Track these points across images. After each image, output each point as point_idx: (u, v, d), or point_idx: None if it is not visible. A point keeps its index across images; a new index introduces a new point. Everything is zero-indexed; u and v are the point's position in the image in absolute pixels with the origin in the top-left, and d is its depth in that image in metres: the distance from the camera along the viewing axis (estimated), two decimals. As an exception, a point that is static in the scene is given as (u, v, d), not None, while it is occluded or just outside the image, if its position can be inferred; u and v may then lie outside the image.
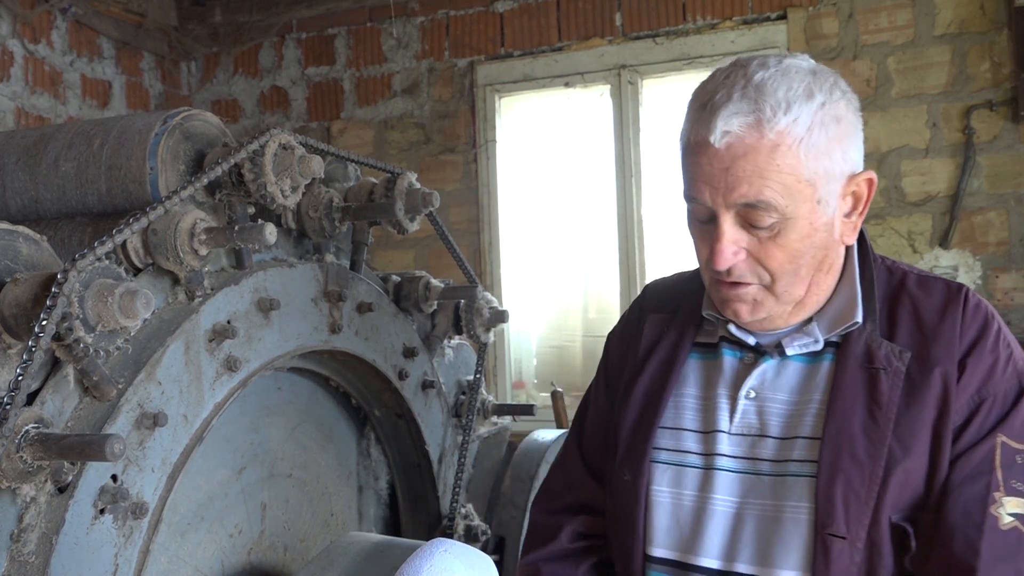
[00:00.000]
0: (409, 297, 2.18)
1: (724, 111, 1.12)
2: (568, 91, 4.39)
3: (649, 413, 1.29)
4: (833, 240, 1.20)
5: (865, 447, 1.13)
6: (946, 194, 3.82)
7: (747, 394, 1.24)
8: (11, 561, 1.27)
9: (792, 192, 1.12)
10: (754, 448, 1.21)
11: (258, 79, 4.99)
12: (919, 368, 1.16)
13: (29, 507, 1.29)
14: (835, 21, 3.98)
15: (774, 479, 1.19)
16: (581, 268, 4.41)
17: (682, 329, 1.33)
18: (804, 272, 1.19)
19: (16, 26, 4.06)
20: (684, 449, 1.26)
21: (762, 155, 1.10)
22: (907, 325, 1.20)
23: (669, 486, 1.25)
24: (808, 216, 1.14)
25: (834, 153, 1.14)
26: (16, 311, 1.30)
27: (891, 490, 1.12)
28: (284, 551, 1.92)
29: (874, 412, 1.15)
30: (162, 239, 1.49)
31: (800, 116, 1.10)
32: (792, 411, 1.21)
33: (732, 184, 1.12)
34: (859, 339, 1.20)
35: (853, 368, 1.18)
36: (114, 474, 1.38)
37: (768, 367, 1.24)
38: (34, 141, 1.75)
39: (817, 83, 1.13)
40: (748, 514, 1.19)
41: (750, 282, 1.18)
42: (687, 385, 1.30)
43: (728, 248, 1.15)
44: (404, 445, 2.22)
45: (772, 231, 1.14)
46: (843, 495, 1.12)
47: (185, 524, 1.68)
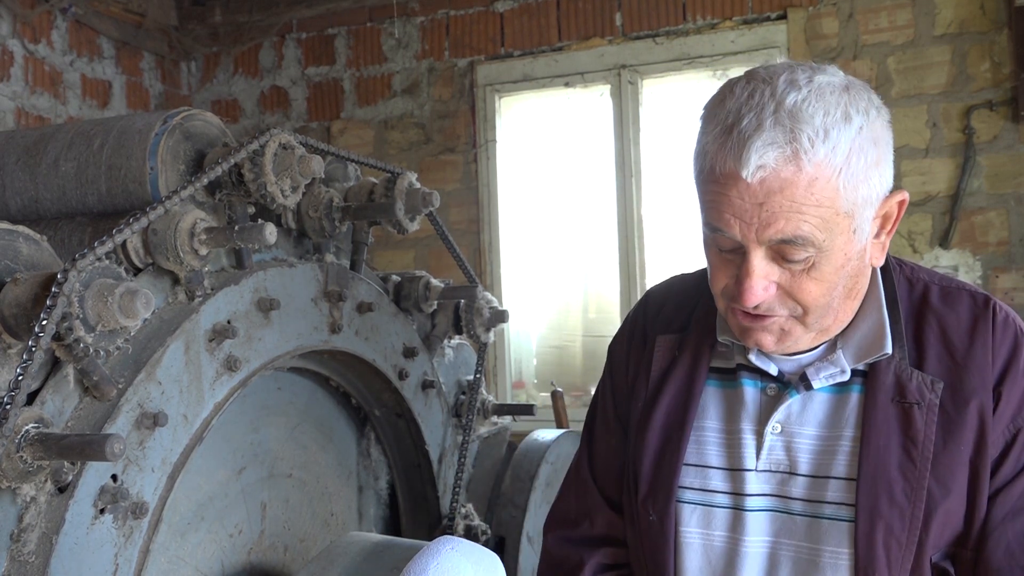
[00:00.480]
0: (409, 297, 2.18)
1: (757, 141, 1.02)
2: (568, 91, 4.39)
3: (671, 449, 1.22)
4: (864, 265, 1.14)
5: (903, 489, 1.08)
6: (946, 194, 3.82)
7: (773, 429, 1.18)
8: (11, 561, 1.27)
9: (830, 225, 1.05)
10: (784, 486, 1.16)
11: (258, 79, 4.99)
12: (953, 400, 1.11)
13: (29, 507, 1.29)
14: (835, 21, 3.98)
15: (808, 520, 1.14)
16: (581, 268, 4.41)
17: (695, 353, 1.26)
18: (836, 303, 1.13)
19: (16, 26, 4.06)
20: (711, 488, 1.20)
21: (800, 190, 1.02)
22: (936, 350, 1.14)
23: (699, 527, 1.20)
24: (844, 247, 1.08)
25: (872, 179, 1.07)
26: (16, 311, 1.30)
27: (932, 532, 1.08)
28: (284, 551, 1.92)
29: (910, 451, 1.09)
30: (162, 239, 1.49)
31: (839, 144, 1.02)
32: (822, 447, 1.15)
33: (767, 220, 1.04)
34: (888, 369, 1.13)
35: (884, 402, 1.12)
36: (114, 474, 1.38)
37: (794, 401, 1.18)
38: (34, 141, 1.75)
39: (853, 103, 1.05)
40: (783, 555, 1.15)
41: (779, 314, 1.12)
42: (707, 418, 1.23)
43: (759, 284, 1.08)
44: (404, 445, 2.22)
45: (806, 264, 1.07)
46: (884, 541, 1.08)
47: (185, 524, 1.68)
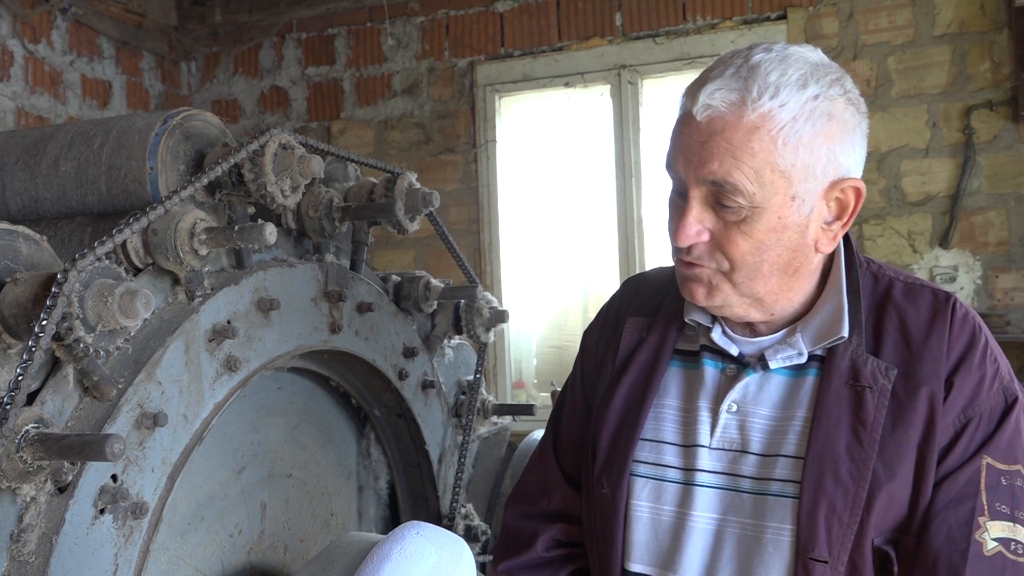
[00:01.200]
0: (409, 297, 2.18)
1: (711, 85, 1.08)
2: (568, 91, 4.39)
3: (629, 424, 1.25)
4: (805, 243, 1.15)
5: (849, 469, 1.10)
6: (946, 194, 3.82)
7: (729, 408, 1.20)
8: (11, 561, 1.27)
9: (763, 180, 1.08)
10: (735, 464, 1.18)
11: (258, 79, 4.99)
12: (905, 386, 1.13)
13: (29, 507, 1.29)
14: (835, 21, 3.98)
15: (755, 497, 1.16)
16: (581, 268, 4.41)
17: (663, 334, 1.29)
18: (766, 269, 1.14)
19: (16, 26, 4.06)
20: (664, 463, 1.22)
21: (739, 134, 1.07)
22: (893, 339, 1.16)
23: (648, 500, 1.22)
24: (778, 210, 1.10)
25: (818, 150, 1.09)
26: (16, 311, 1.30)
27: (875, 513, 1.10)
28: (284, 551, 1.92)
29: (859, 432, 1.11)
30: (162, 239, 1.49)
31: (788, 103, 1.06)
32: (774, 427, 1.18)
33: (704, 159, 1.09)
34: (844, 354, 1.16)
35: (838, 385, 1.14)
36: (114, 474, 1.38)
37: (751, 380, 1.20)
38: (34, 141, 1.75)
39: (816, 75, 1.09)
40: (728, 532, 1.17)
41: (707, 265, 1.15)
42: (668, 396, 1.26)
43: (692, 226, 1.12)
44: (404, 445, 2.22)
45: (738, 216, 1.10)
46: (826, 519, 1.10)
47: (185, 524, 1.68)
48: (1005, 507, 1.09)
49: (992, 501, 1.09)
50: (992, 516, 1.08)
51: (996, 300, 3.78)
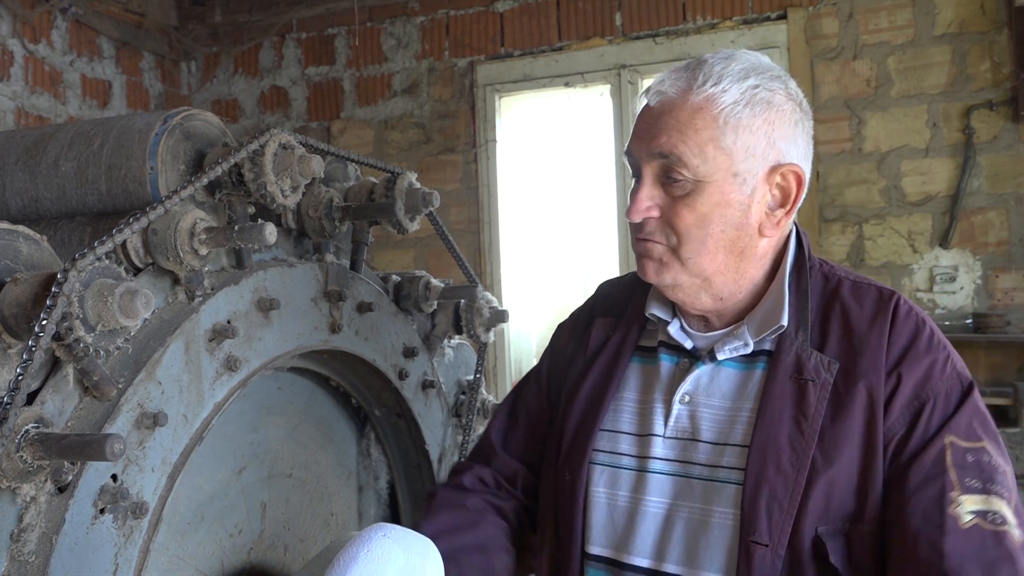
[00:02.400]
0: (409, 297, 2.18)
1: (664, 76, 1.22)
2: (568, 91, 4.39)
3: (590, 416, 1.32)
4: (748, 223, 1.21)
5: (790, 457, 1.15)
6: (946, 194, 3.82)
7: (681, 399, 1.27)
8: (11, 561, 1.27)
9: (706, 156, 1.17)
10: (686, 452, 1.24)
11: (258, 79, 4.99)
12: (845, 380, 1.17)
13: (29, 507, 1.29)
14: (835, 21, 3.98)
15: (704, 483, 1.21)
16: (581, 268, 4.41)
17: (626, 332, 1.37)
18: (711, 244, 1.20)
19: (16, 26, 4.06)
20: (620, 451, 1.29)
21: (684, 113, 1.18)
22: (837, 335, 1.21)
23: (606, 487, 1.28)
24: (721, 185, 1.18)
25: (758, 132, 1.18)
26: (16, 311, 1.30)
27: (813, 500, 1.13)
28: (284, 551, 1.92)
29: (800, 423, 1.16)
30: (162, 239, 1.49)
31: (729, 89, 1.17)
32: (724, 417, 1.23)
33: (654, 135, 1.19)
34: (790, 349, 1.21)
35: (783, 378, 1.20)
36: (114, 474, 1.38)
37: (702, 372, 1.27)
38: (34, 141, 1.75)
39: (757, 71, 1.20)
40: (678, 516, 1.22)
41: (658, 240, 1.22)
42: (627, 389, 1.33)
43: (643, 201, 1.21)
44: (404, 445, 2.22)
45: (683, 190, 1.19)
46: (767, 504, 1.14)
47: (185, 524, 1.68)
48: (976, 481, 1.11)
49: (962, 477, 1.11)
50: (964, 491, 1.10)
51: (996, 300, 3.78)
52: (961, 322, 3.80)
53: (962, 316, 3.81)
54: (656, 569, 1.22)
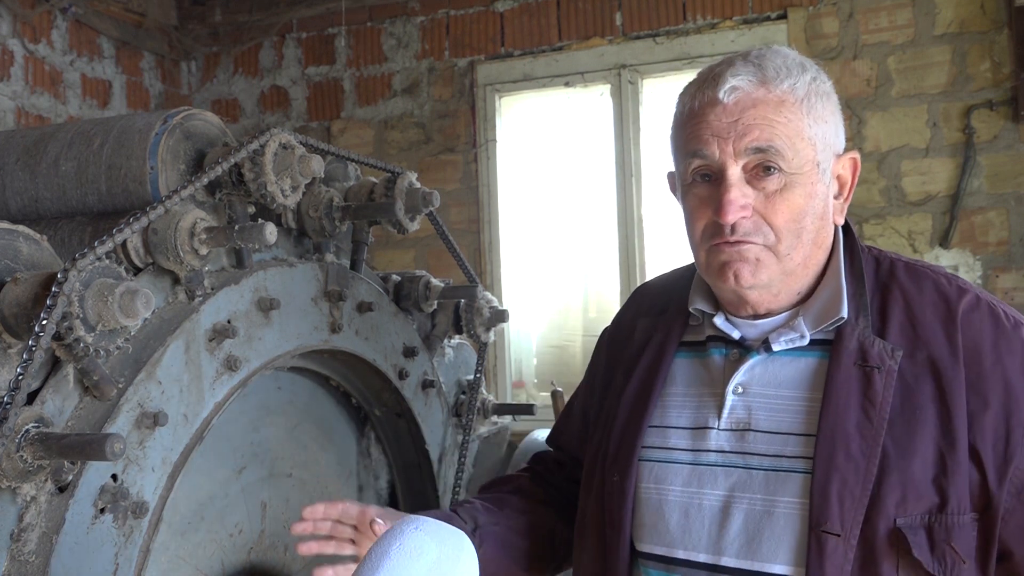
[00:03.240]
0: (409, 297, 2.18)
1: (728, 72, 1.17)
2: (568, 91, 4.39)
3: (637, 413, 1.30)
4: (827, 213, 1.22)
5: (860, 445, 1.12)
6: (946, 194, 3.82)
7: (735, 389, 1.24)
8: (11, 560, 1.27)
9: (797, 147, 1.16)
10: (743, 442, 1.21)
11: (258, 79, 4.99)
12: (911, 367, 1.15)
13: (29, 506, 1.29)
14: (835, 21, 3.98)
15: (766, 473, 1.18)
16: (581, 268, 4.41)
17: (668, 329, 1.35)
18: (805, 237, 1.19)
19: (16, 26, 4.06)
20: (671, 446, 1.26)
21: (770, 107, 1.16)
22: (898, 320, 1.19)
23: (656, 483, 1.26)
24: (810, 176, 1.18)
25: (829, 122, 1.20)
26: (16, 311, 1.30)
27: (887, 490, 1.11)
28: (284, 551, 1.92)
29: (868, 411, 1.14)
30: (162, 239, 1.49)
31: (797, 83, 1.17)
32: (784, 406, 1.20)
33: (743, 131, 1.15)
34: (852, 336, 1.18)
35: (847, 365, 1.17)
36: (114, 473, 1.38)
37: (756, 362, 1.24)
38: (34, 141, 1.75)
39: (805, 63, 1.21)
40: (736, 508, 1.18)
41: (755, 240, 1.18)
42: (674, 384, 1.31)
43: (737, 199, 1.16)
44: (404, 445, 2.22)
45: (779, 184, 1.16)
46: (838, 492, 1.11)
47: (185, 523, 1.68)
48: None
49: None
50: None
51: (996, 300, 3.78)
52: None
53: (962, 316, 3.81)
54: (714, 564, 1.19)
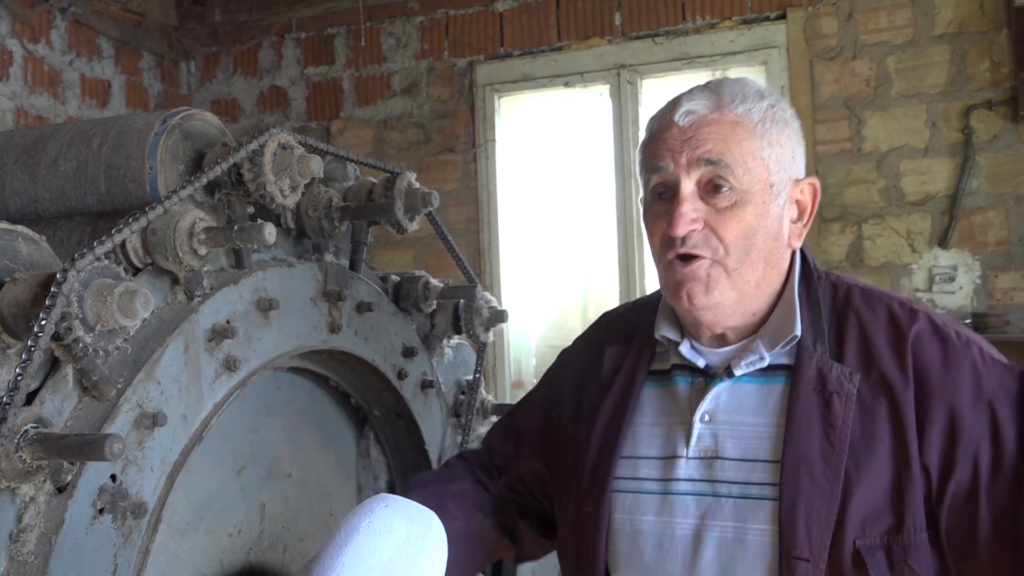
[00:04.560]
0: (408, 297, 2.18)
1: (686, 98, 1.23)
2: (568, 91, 4.39)
3: (609, 445, 1.31)
4: (781, 234, 1.24)
5: (823, 471, 1.14)
6: (945, 194, 3.82)
7: (702, 418, 1.25)
8: (10, 561, 1.27)
9: (748, 166, 1.19)
10: (712, 470, 1.23)
11: (257, 79, 4.99)
12: (869, 391, 1.18)
13: (28, 507, 1.29)
14: (835, 21, 3.98)
15: (735, 501, 1.20)
16: (581, 268, 4.41)
17: (636, 359, 1.36)
18: (755, 255, 1.21)
19: (15, 26, 4.06)
20: (642, 476, 1.28)
21: (724, 127, 1.20)
22: (855, 345, 1.21)
23: (629, 513, 1.27)
24: (761, 195, 1.20)
25: (785, 147, 1.23)
26: (15, 311, 1.30)
27: (851, 512, 1.13)
28: (284, 551, 1.91)
29: (830, 435, 1.16)
30: (161, 239, 1.49)
31: (753, 109, 1.21)
32: (748, 433, 1.22)
33: (695, 144, 1.19)
34: (810, 362, 1.21)
35: (807, 391, 1.19)
36: (113, 474, 1.38)
37: (721, 390, 1.25)
38: (33, 141, 1.75)
39: (767, 93, 1.25)
40: (709, 536, 1.20)
41: (703, 255, 1.20)
42: (643, 414, 1.32)
43: (688, 212, 1.19)
44: (404, 445, 2.22)
45: (729, 200, 1.19)
46: (805, 517, 1.13)
47: (184, 524, 1.68)
48: None
49: None
50: None
51: (995, 300, 3.78)
52: (960, 322, 3.80)
53: (961, 316, 3.81)
54: None
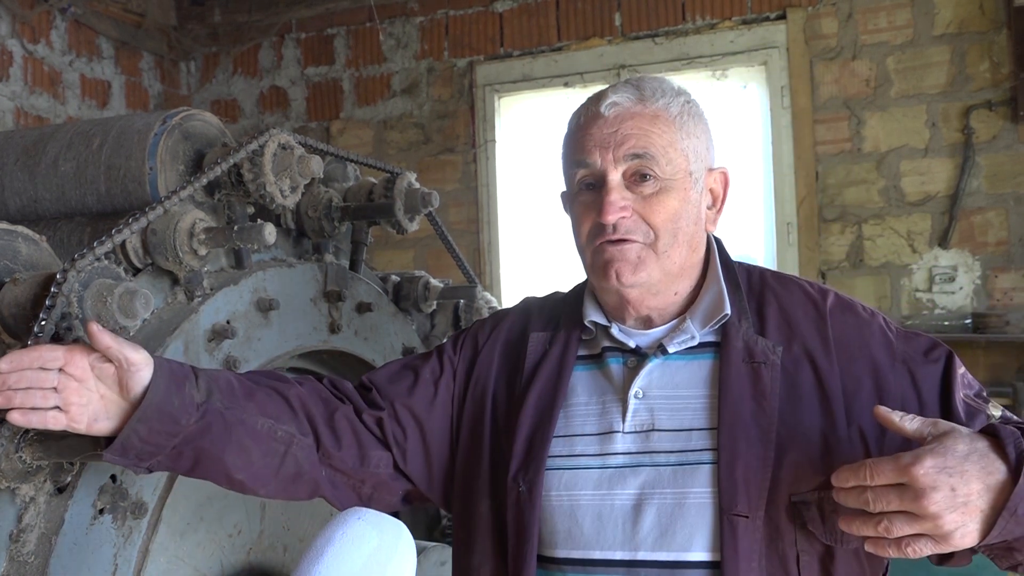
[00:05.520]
0: (408, 297, 2.18)
1: (611, 91, 1.32)
2: (567, 91, 4.39)
3: (542, 425, 1.33)
4: (701, 219, 1.33)
5: (757, 433, 1.23)
6: (945, 194, 3.82)
7: (636, 394, 1.31)
8: (10, 561, 1.27)
9: (670, 156, 1.28)
10: (649, 442, 1.28)
11: (257, 79, 4.99)
12: (791, 360, 1.28)
13: (28, 507, 1.29)
14: (834, 21, 3.98)
15: (673, 468, 1.26)
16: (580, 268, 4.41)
17: (565, 344, 1.40)
18: (681, 237, 1.30)
19: (15, 26, 4.06)
20: (578, 453, 1.31)
21: (645, 120, 1.29)
22: (775, 320, 1.32)
23: (566, 489, 1.29)
24: (683, 183, 1.29)
25: (700, 139, 1.33)
26: (15, 311, 1.30)
27: (784, 470, 1.21)
28: (283, 551, 1.92)
29: (760, 402, 1.25)
30: (161, 239, 1.49)
31: (671, 103, 1.31)
32: (683, 405, 1.29)
33: (621, 140, 1.28)
34: (737, 336, 1.30)
35: (737, 363, 1.28)
36: (113, 474, 1.38)
37: (653, 367, 1.32)
38: (33, 141, 1.75)
39: (680, 88, 1.35)
40: (648, 504, 1.25)
41: (635, 239, 1.28)
42: (576, 395, 1.35)
43: (616, 201, 1.27)
44: (403, 445, 2.22)
45: (654, 188, 1.28)
46: (743, 477, 1.20)
47: (184, 524, 1.68)
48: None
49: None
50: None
51: (995, 300, 3.78)
52: (960, 322, 3.80)
53: (961, 316, 3.81)
54: (631, 559, 1.24)
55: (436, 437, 1.41)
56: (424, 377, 1.44)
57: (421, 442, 1.41)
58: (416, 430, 1.41)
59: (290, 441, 1.32)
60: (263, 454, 1.30)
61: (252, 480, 1.32)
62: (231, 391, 1.29)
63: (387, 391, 1.43)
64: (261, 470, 1.31)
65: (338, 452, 1.36)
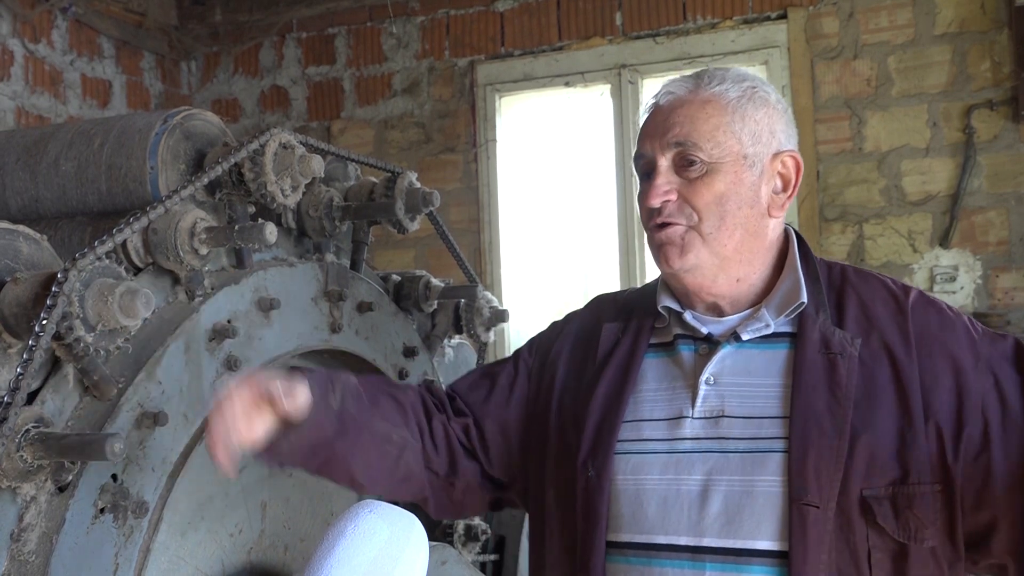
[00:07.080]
0: (409, 296, 2.18)
1: (670, 82, 1.36)
2: (568, 91, 4.39)
3: (611, 411, 1.35)
4: (759, 203, 1.32)
5: (831, 424, 1.22)
6: (946, 193, 3.82)
7: (707, 380, 1.31)
8: (11, 560, 1.27)
9: (717, 140, 1.29)
10: (718, 428, 1.28)
11: (258, 78, 4.99)
12: (869, 354, 1.27)
13: (29, 506, 1.29)
14: (835, 20, 3.98)
15: (742, 456, 1.25)
16: (581, 268, 4.41)
17: (636, 333, 1.41)
18: (730, 221, 1.29)
19: (16, 25, 4.06)
20: (645, 438, 1.32)
21: (695, 106, 1.31)
22: (853, 313, 1.31)
23: (633, 474, 1.30)
24: (734, 166, 1.29)
25: (762, 122, 1.32)
26: (16, 310, 1.30)
27: (856, 463, 1.20)
28: (284, 550, 1.92)
29: (836, 393, 1.24)
30: (162, 238, 1.49)
31: (730, 89, 1.31)
32: (754, 393, 1.29)
33: (667, 128, 1.31)
34: (814, 327, 1.29)
35: (812, 354, 1.27)
36: (114, 473, 1.38)
37: (726, 354, 1.32)
38: (34, 140, 1.75)
39: (749, 76, 1.35)
40: (715, 490, 1.24)
41: (678, 222, 1.30)
42: (646, 381, 1.37)
43: (661, 185, 1.30)
44: (404, 444, 2.22)
45: (700, 172, 1.29)
46: (815, 467, 1.20)
47: (185, 523, 1.68)
48: None
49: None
50: None
51: (996, 300, 3.78)
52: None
53: (962, 316, 3.81)
54: (696, 545, 1.24)
55: (516, 440, 1.46)
56: (501, 383, 1.50)
57: (504, 446, 1.46)
58: (498, 435, 1.46)
59: (404, 445, 1.39)
60: (380, 456, 1.38)
61: (371, 481, 1.40)
62: (359, 397, 1.36)
63: (469, 399, 1.49)
64: (379, 472, 1.39)
65: (436, 457, 1.43)
